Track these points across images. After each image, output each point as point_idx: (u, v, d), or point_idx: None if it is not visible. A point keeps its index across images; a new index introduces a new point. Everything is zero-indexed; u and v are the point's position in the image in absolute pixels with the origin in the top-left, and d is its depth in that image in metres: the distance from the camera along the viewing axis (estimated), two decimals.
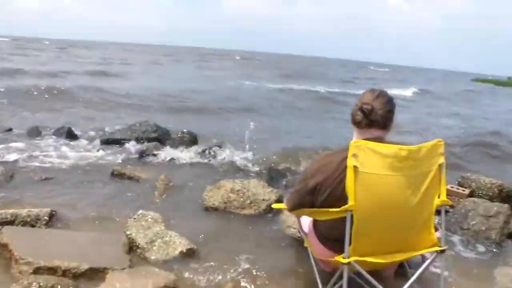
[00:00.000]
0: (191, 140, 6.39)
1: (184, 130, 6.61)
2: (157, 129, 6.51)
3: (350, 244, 1.96)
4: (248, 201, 3.85)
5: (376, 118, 2.03)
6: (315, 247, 2.35)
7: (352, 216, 1.92)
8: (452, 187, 4.60)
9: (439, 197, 2.08)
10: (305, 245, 2.57)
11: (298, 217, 2.58)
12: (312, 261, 2.52)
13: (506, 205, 3.98)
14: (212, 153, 5.85)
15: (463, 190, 4.54)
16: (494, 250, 3.61)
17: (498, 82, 55.89)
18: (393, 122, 2.13)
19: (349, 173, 1.89)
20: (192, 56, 53.50)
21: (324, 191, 2.05)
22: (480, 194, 4.62)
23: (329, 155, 2.13)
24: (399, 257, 2.11)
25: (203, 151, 5.91)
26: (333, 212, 1.99)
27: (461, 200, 4.26)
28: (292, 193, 2.25)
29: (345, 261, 1.97)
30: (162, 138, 6.39)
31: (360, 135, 2.08)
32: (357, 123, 2.08)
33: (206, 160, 5.72)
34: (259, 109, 11.95)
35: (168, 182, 4.47)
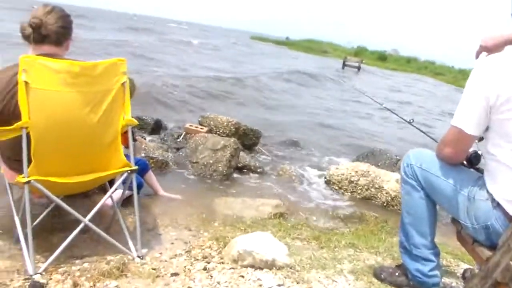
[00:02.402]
0: None
1: None
2: None
3: (30, 163, 1.90)
4: None
5: (48, 33, 1.99)
6: (4, 171, 2.21)
7: (28, 134, 1.86)
8: (191, 125, 4.87)
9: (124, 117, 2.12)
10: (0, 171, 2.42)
11: None
12: (8, 187, 2.34)
13: (232, 139, 4.32)
14: None
15: (201, 128, 4.86)
16: (221, 181, 3.99)
17: (278, 42, 60.17)
18: (71, 40, 2.11)
19: (20, 89, 1.82)
20: None
21: None
22: (218, 132, 4.99)
23: (0, 72, 2.01)
24: (87, 178, 2.10)
25: None
26: (7, 130, 1.88)
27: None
28: None
29: (24, 180, 1.89)
30: None
31: (33, 51, 2.03)
32: (26, 38, 2.01)
33: None
34: None
35: None
